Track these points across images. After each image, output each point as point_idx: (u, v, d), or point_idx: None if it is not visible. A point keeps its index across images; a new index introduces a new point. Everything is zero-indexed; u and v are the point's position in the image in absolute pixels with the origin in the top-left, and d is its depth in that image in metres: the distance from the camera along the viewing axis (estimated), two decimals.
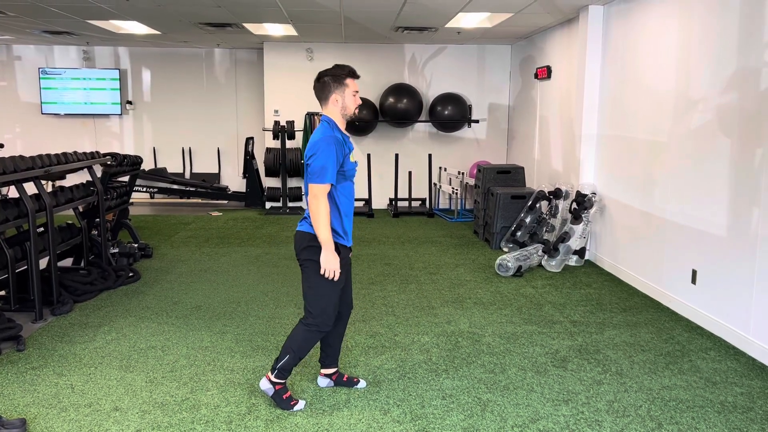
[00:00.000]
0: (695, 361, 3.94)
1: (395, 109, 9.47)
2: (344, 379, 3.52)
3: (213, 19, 7.49)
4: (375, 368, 3.77)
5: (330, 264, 3.04)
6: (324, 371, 3.50)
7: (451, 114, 9.59)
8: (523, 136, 9.24)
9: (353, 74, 3.13)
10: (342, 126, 3.14)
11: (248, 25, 7.98)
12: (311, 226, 3.06)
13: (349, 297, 3.38)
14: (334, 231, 3.09)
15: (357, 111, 3.16)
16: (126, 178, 6.89)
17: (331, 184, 3.02)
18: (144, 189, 9.88)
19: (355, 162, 3.18)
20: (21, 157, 4.62)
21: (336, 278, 3.07)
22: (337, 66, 3.14)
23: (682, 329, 4.52)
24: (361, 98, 10.24)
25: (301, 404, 3.26)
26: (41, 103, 10.46)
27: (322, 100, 3.14)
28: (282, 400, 3.23)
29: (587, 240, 6.50)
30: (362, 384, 3.52)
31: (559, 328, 4.52)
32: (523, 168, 7.96)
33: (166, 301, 5.09)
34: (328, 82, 3.10)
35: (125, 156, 6.41)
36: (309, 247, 3.10)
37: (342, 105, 3.10)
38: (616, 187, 6.10)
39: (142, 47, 10.45)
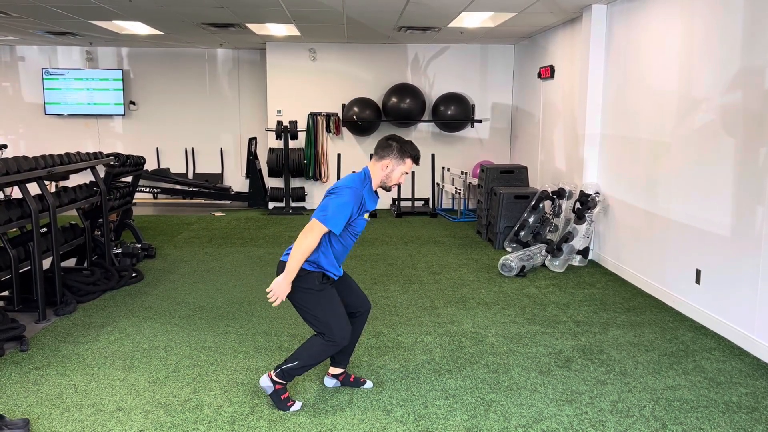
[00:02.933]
0: (699, 361, 3.93)
1: (398, 109, 9.46)
2: (351, 379, 3.52)
3: (216, 19, 7.50)
4: (378, 368, 3.77)
5: (279, 290, 3.06)
6: (332, 370, 3.49)
7: (454, 114, 9.58)
8: (526, 135, 9.23)
9: (416, 160, 3.22)
10: (375, 186, 3.20)
11: (251, 26, 7.99)
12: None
13: (359, 297, 3.39)
14: (321, 267, 3.14)
15: (392, 186, 3.24)
16: (129, 179, 6.90)
17: (332, 232, 3.05)
18: (147, 189, 9.88)
19: (366, 220, 3.18)
20: (24, 157, 4.63)
21: (275, 304, 3.07)
22: (410, 143, 3.21)
23: (686, 329, 4.50)
24: (364, 98, 10.52)
25: (297, 405, 3.25)
26: (44, 103, 10.47)
27: (377, 155, 3.19)
28: (279, 400, 3.23)
29: (590, 240, 6.49)
30: (369, 384, 3.51)
31: (562, 328, 4.50)
32: (526, 168, 7.95)
33: (169, 302, 5.09)
34: (393, 147, 3.16)
35: (128, 156, 6.41)
36: (295, 280, 3.10)
37: (387, 174, 3.17)
38: (619, 186, 6.08)
39: (145, 48, 10.47)
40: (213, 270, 6.12)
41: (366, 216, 3.17)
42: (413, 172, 9.65)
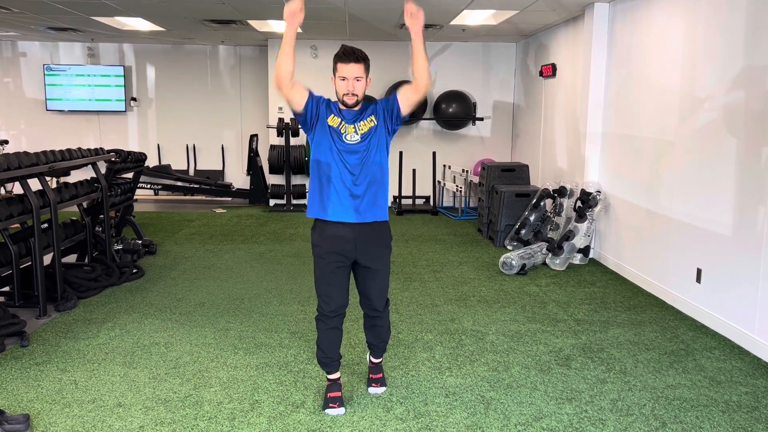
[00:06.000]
0: (700, 360, 3.93)
1: None
2: (369, 375, 3.50)
3: (218, 15, 7.49)
4: None
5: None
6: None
7: (456, 112, 9.57)
8: (527, 134, 9.22)
9: (340, 57, 2.97)
10: (344, 108, 3.03)
11: (253, 22, 7.98)
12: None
13: (366, 294, 3.20)
14: (320, 205, 3.04)
15: (345, 98, 2.98)
16: (130, 175, 6.89)
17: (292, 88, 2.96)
18: (148, 186, 9.88)
19: (338, 131, 2.98)
20: (25, 153, 4.63)
21: (288, 19, 2.93)
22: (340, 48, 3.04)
23: (686, 328, 4.50)
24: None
25: (335, 410, 3.17)
26: (46, 99, 10.47)
27: None
28: (325, 397, 3.24)
29: (592, 238, 6.48)
30: (372, 390, 3.44)
31: (563, 327, 4.50)
32: (527, 166, 7.94)
33: (170, 298, 5.09)
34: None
35: (129, 153, 6.41)
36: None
37: (334, 89, 3.03)
38: (621, 185, 6.08)
39: (147, 44, 10.46)
40: (214, 267, 6.13)
41: (342, 127, 2.98)
42: (414, 170, 9.63)
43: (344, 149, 3.01)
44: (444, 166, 9.96)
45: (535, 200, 6.99)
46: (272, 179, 10.11)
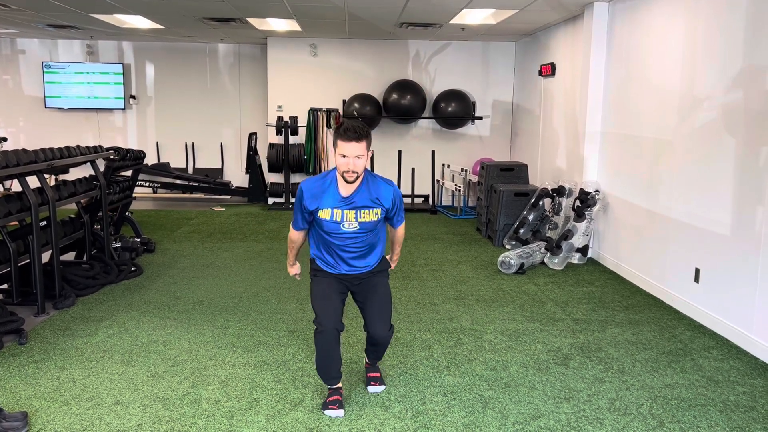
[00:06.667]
0: (697, 359, 3.93)
1: (399, 106, 9.46)
2: (367, 375, 3.53)
3: (217, 13, 7.48)
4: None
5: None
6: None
7: (455, 111, 9.57)
8: (526, 133, 9.22)
9: (341, 135, 2.92)
10: (342, 183, 3.02)
11: (252, 20, 7.97)
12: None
13: (370, 321, 3.24)
14: (315, 254, 3.24)
15: (345, 175, 2.95)
16: (129, 173, 6.89)
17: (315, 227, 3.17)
18: (147, 184, 9.87)
19: (335, 222, 3.04)
20: (24, 150, 4.62)
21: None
22: (344, 124, 2.99)
23: (684, 328, 4.50)
24: (365, 94, 10.55)
25: (334, 412, 3.17)
26: (45, 97, 10.46)
27: None
28: (325, 399, 3.26)
29: (590, 238, 6.49)
30: (371, 389, 3.45)
31: (561, 326, 4.51)
32: (526, 165, 7.94)
33: (168, 296, 5.09)
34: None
35: (128, 150, 6.40)
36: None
37: (334, 161, 3.02)
38: (619, 185, 6.08)
39: (146, 42, 10.45)
40: (212, 265, 6.12)
41: (338, 216, 3.03)
42: (413, 169, 9.63)
43: (342, 235, 3.11)
44: (443, 165, 9.97)
45: (533, 199, 7.00)
46: (271, 178, 10.10)
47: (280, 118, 9.60)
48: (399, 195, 3.18)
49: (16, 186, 8.14)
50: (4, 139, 9.93)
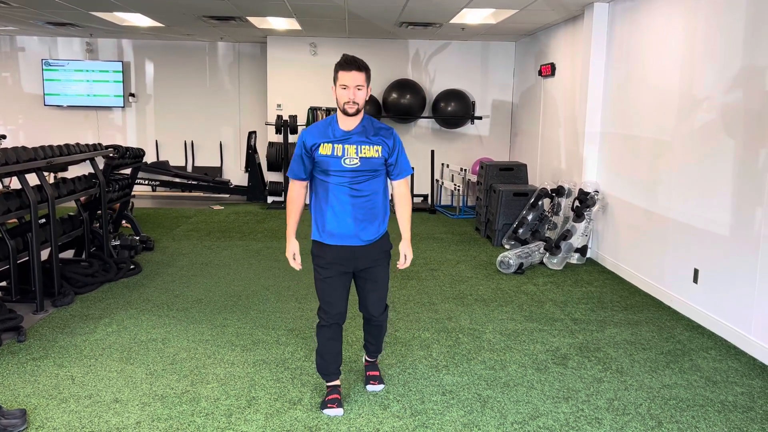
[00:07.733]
0: (696, 360, 3.94)
1: (398, 105, 9.45)
2: (366, 373, 3.53)
3: (217, 12, 7.48)
4: None
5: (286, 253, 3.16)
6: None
7: (455, 110, 9.57)
8: (526, 133, 9.22)
9: (342, 66, 2.96)
10: (343, 118, 3.03)
11: (252, 19, 7.97)
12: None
13: (365, 301, 3.21)
14: (318, 225, 3.09)
15: (346, 106, 2.95)
16: (128, 171, 6.88)
17: (305, 179, 3.10)
18: (146, 182, 9.87)
19: (336, 157, 2.98)
20: (23, 148, 4.62)
21: (294, 267, 3.16)
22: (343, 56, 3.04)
23: (683, 328, 4.51)
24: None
25: (332, 411, 3.16)
26: (44, 94, 10.45)
27: None
28: (324, 398, 3.25)
29: (589, 238, 6.49)
30: (370, 387, 3.45)
31: (560, 326, 4.51)
32: (525, 165, 7.94)
33: (167, 294, 5.09)
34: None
35: (128, 148, 6.40)
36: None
37: (335, 97, 3.02)
38: (618, 185, 6.08)
39: (146, 40, 10.44)
40: (211, 263, 6.12)
41: (339, 151, 2.97)
42: (412, 168, 9.62)
43: (344, 173, 3.01)
44: (442, 164, 9.97)
45: (533, 199, 7.00)
46: (270, 176, 10.10)
47: (279, 117, 9.60)
48: (399, 139, 3.15)
49: (15, 183, 8.13)
50: (4, 137, 9.92)
